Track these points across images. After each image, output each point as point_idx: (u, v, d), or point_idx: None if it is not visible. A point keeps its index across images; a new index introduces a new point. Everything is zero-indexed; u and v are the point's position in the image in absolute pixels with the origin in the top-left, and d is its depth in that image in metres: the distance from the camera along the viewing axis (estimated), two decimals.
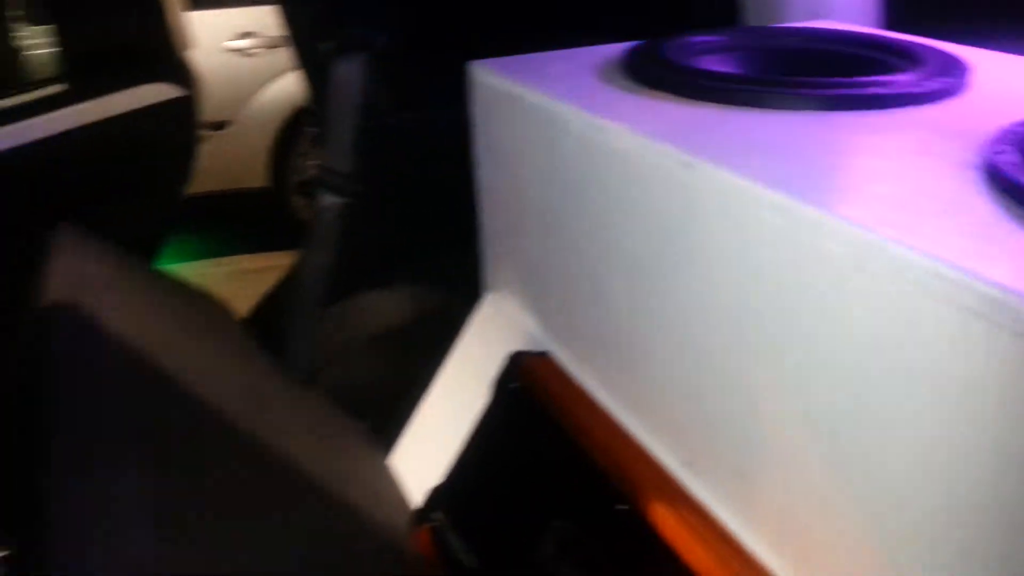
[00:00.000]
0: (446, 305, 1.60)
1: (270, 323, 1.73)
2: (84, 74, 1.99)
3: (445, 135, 1.43)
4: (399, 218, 1.68)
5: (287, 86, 3.88)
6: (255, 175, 3.99)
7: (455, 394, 1.44)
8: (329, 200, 1.63)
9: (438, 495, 1.30)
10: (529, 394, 1.21)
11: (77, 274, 1.23)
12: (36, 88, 2.08)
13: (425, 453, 1.45)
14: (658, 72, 1.13)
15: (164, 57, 2.08)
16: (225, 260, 3.72)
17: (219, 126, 3.77)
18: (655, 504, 0.96)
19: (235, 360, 1.40)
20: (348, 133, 1.58)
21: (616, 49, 1.29)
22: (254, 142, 3.93)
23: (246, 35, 3.77)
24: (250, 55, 3.80)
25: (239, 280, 3.38)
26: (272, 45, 3.80)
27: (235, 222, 4.10)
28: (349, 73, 1.56)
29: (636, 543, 0.97)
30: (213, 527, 0.93)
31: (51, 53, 2.35)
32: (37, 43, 2.75)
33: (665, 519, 0.94)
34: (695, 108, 1.03)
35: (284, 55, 3.84)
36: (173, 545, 0.84)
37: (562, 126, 1.10)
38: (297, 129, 3.99)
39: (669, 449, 1.02)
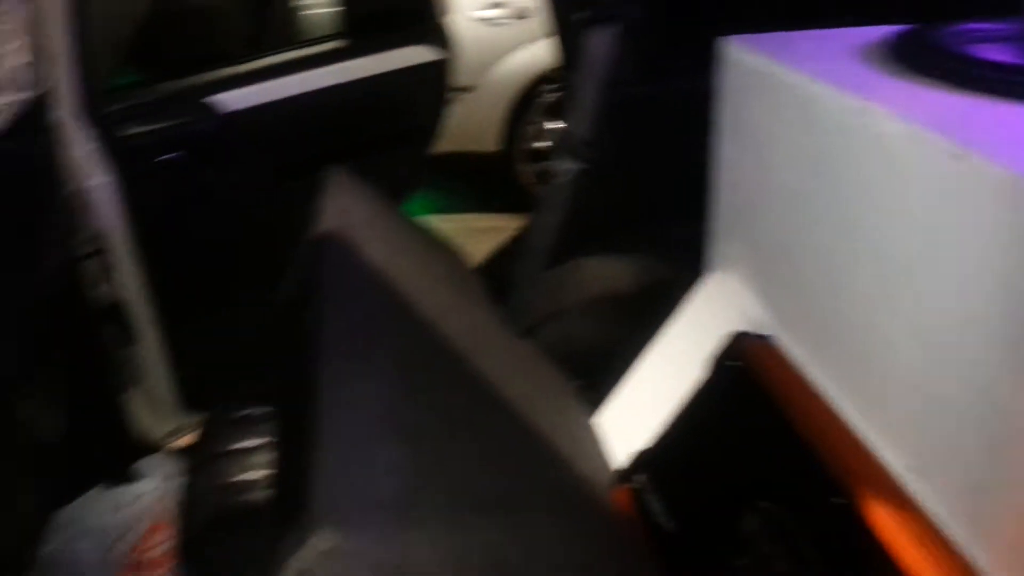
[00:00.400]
0: (666, 277, 1.62)
1: (497, 277, 1.83)
2: (359, 33, 2.18)
3: (686, 108, 1.43)
4: (631, 188, 1.72)
5: (526, 57, 4.02)
6: (488, 139, 4.17)
7: (667, 365, 1.46)
8: (566, 164, 1.69)
9: (643, 459, 1.33)
10: (747, 375, 1.21)
11: (345, 211, 1.38)
12: (314, 44, 2.32)
13: (630, 418, 1.49)
14: (928, 58, 1.07)
15: (426, 22, 2.23)
16: (454, 217, 3.94)
17: (462, 90, 3.97)
18: (876, 504, 0.94)
19: (466, 303, 1.51)
20: (592, 101, 1.63)
21: (878, 32, 1.24)
22: (490, 108, 4.11)
23: (496, 5, 3.94)
24: (497, 24, 3.96)
25: (465, 237, 3.58)
26: (518, 16, 3.93)
27: (466, 182, 4.32)
28: (599, 43, 1.60)
29: (850, 539, 0.95)
30: (442, 445, 1.03)
31: (325, 13, 2.60)
32: (313, 3, 3.03)
33: (886, 521, 0.92)
34: (968, 98, 0.97)
35: (527, 26, 3.98)
36: (410, 451, 0.94)
37: (819, 107, 1.08)
38: (531, 98, 4.12)
39: (897, 451, 0.98)
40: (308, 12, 2.80)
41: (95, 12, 1.68)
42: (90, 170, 1.68)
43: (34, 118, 1.16)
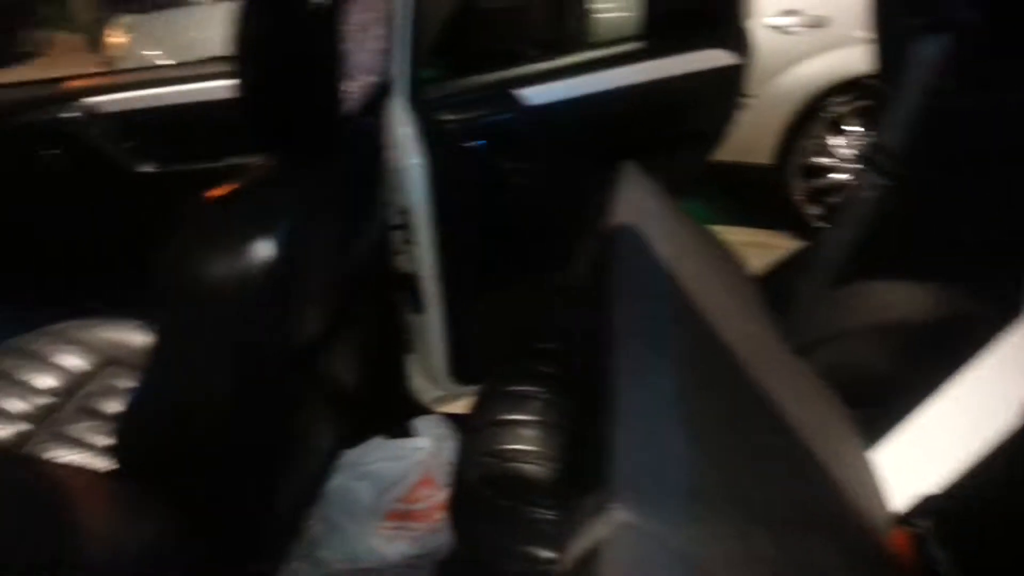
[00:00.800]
0: (972, 312, 1.47)
1: (776, 290, 1.77)
2: (658, 35, 2.20)
3: (1016, 126, 1.30)
4: (941, 209, 1.58)
5: (814, 68, 3.83)
6: (762, 151, 4.03)
7: (968, 408, 1.33)
8: (870, 178, 1.60)
9: (930, 504, 1.23)
10: None
11: (637, 205, 1.40)
12: (612, 45, 2.38)
13: (914, 457, 1.37)
14: None
15: (728, 25, 2.20)
16: (718, 228, 3.86)
17: (748, 98, 3.87)
18: None
19: (747, 311, 1.47)
20: (909, 112, 1.52)
21: None
22: (769, 120, 3.96)
23: (789, 13, 3.79)
24: (787, 33, 3.81)
25: None
26: (812, 25, 3.76)
27: (733, 193, 4.21)
28: (925, 50, 1.49)
29: None
30: (723, 448, 1.01)
31: (624, 16, 2.66)
32: (613, 6, 3.11)
33: None
34: None
35: (820, 36, 3.79)
36: (696, 448, 0.93)
37: None
38: (814, 112, 3.92)
39: None
40: (608, 15, 2.88)
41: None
42: (407, 151, 1.86)
43: (378, 100, 1.31)
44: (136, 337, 1.68)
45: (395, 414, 2.08)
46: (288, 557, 1.73)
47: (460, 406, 2.14)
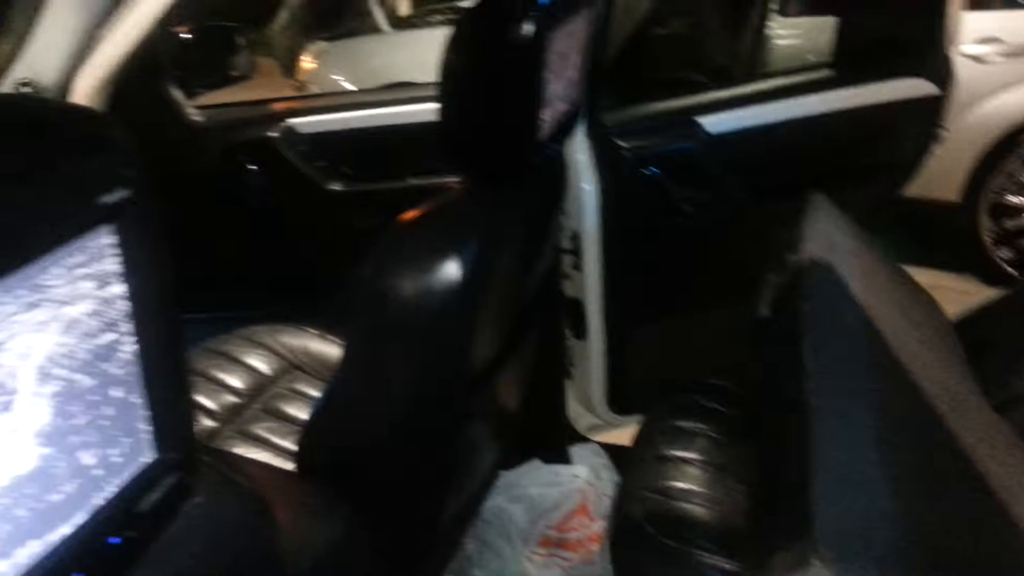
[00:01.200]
0: None
1: (974, 338, 1.63)
2: (850, 63, 2.10)
3: None
4: None
5: (1012, 100, 3.55)
6: (950, 187, 3.76)
7: None
8: None
9: None
10: None
11: (827, 238, 1.34)
12: (798, 73, 2.29)
13: None
14: None
15: (929, 52, 2.07)
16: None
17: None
18: None
19: (943, 358, 1.37)
20: None
21: None
22: (959, 154, 3.69)
23: (988, 41, 3.53)
24: (985, 62, 3.55)
25: None
26: (1012, 54, 3.49)
27: (915, 231, 3.95)
28: None
29: None
30: (923, 505, 0.94)
31: (810, 43, 2.57)
32: (784, 34, 3.03)
33: None
34: None
35: (1019, 67, 3.51)
36: (898, 503, 0.87)
37: None
38: (1009, 148, 3.63)
39: None
40: (791, 42, 2.79)
41: None
42: (582, 176, 1.86)
43: (568, 128, 1.32)
44: (319, 345, 1.77)
45: (551, 439, 2.07)
46: (444, 572, 1.75)
47: (615, 436, 2.11)
